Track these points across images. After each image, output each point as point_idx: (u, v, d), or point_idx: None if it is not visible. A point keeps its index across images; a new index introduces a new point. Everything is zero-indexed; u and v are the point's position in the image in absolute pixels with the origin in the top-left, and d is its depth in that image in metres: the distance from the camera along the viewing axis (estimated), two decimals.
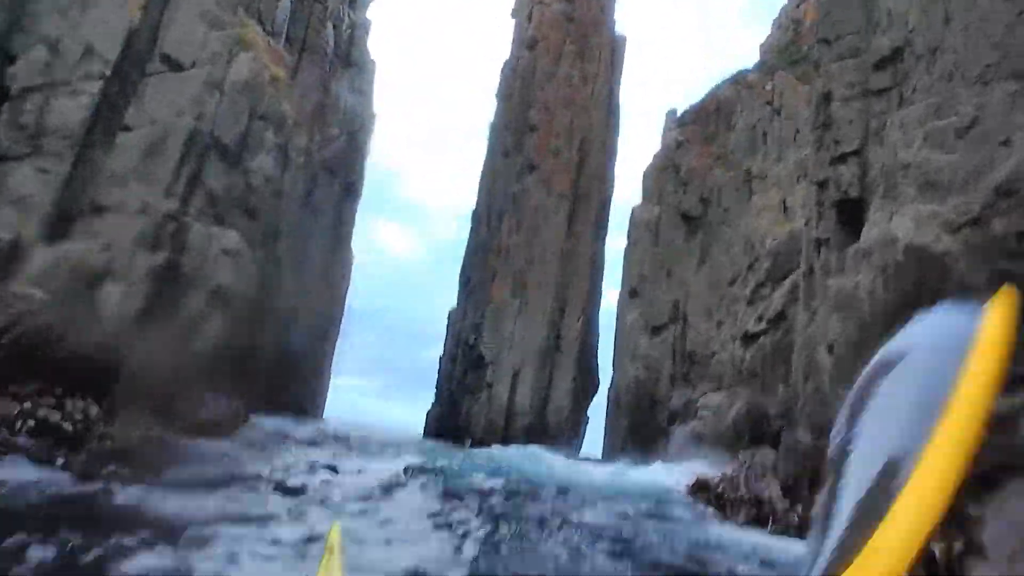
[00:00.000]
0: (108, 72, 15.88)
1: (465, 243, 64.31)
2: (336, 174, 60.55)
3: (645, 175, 44.63)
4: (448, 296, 62.53)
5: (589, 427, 51.90)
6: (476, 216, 64.53)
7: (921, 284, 10.36)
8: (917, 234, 10.57)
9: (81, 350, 12.22)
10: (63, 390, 11.63)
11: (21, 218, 13.57)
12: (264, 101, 19.54)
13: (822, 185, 15.79)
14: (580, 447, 51.04)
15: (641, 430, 33.60)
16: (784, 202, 28.18)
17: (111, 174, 15.42)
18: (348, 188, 62.45)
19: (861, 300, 11.35)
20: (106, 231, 14.62)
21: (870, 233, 11.69)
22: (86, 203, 14.74)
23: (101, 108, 15.68)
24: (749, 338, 25.23)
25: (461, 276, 60.55)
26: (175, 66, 17.44)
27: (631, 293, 38.30)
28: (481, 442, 43.69)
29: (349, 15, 58.99)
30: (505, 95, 64.32)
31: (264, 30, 31.62)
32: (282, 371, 48.22)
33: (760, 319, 24.81)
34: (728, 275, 31.02)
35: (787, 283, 24.41)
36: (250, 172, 18.67)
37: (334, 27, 57.09)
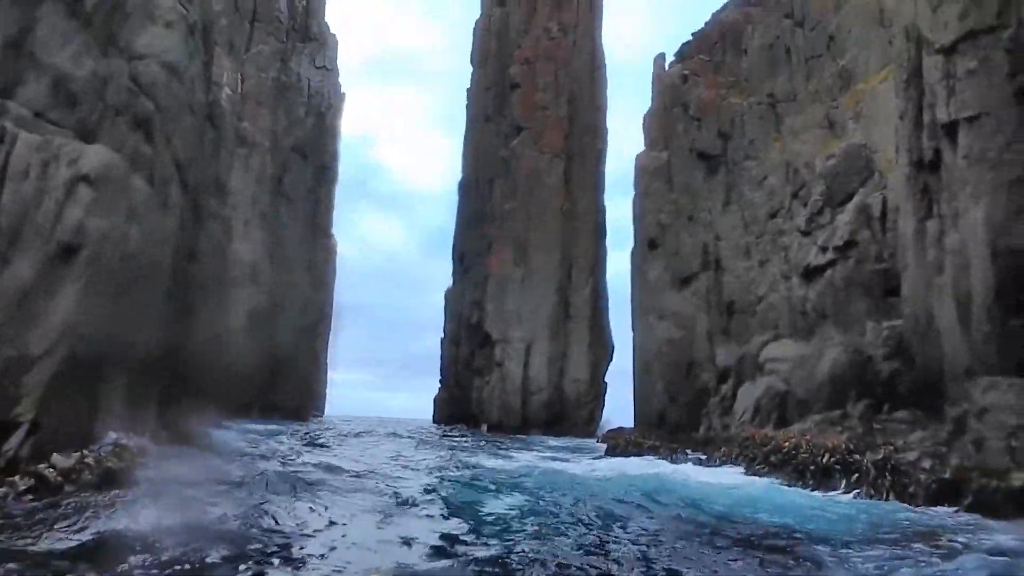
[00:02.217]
0: None
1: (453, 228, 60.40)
2: (308, 157, 56.10)
3: (647, 120, 40.98)
4: (440, 282, 58.75)
5: (608, 396, 48.73)
6: (463, 187, 60.65)
7: None
8: None
9: None
10: None
11: None
12: None
13: (948, 52, 12.25)
14: (600, 418, 47.96)
15: (681, 395, 30.31)
16: (828, 118, 24.72)
17: None
18: (322, 171, 58.24)
19: None
20: None
21: None
22: None
23: None
24: (811, 273, 21.88)
25: (454, 253, 56.80)
26: None
27: (650, 245, 34.84)
28: (499, 426, 40.36)
29: None
30: (480, 57, 60.17)
31: None
32: (267, 372, 44.27)
33: (824, 250, 21.45)
34: (765, 210, 27.65)
35: (851, 206, 21.04)
36: (135, 55, 10.59)
37: None
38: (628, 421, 41.83)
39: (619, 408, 66.75)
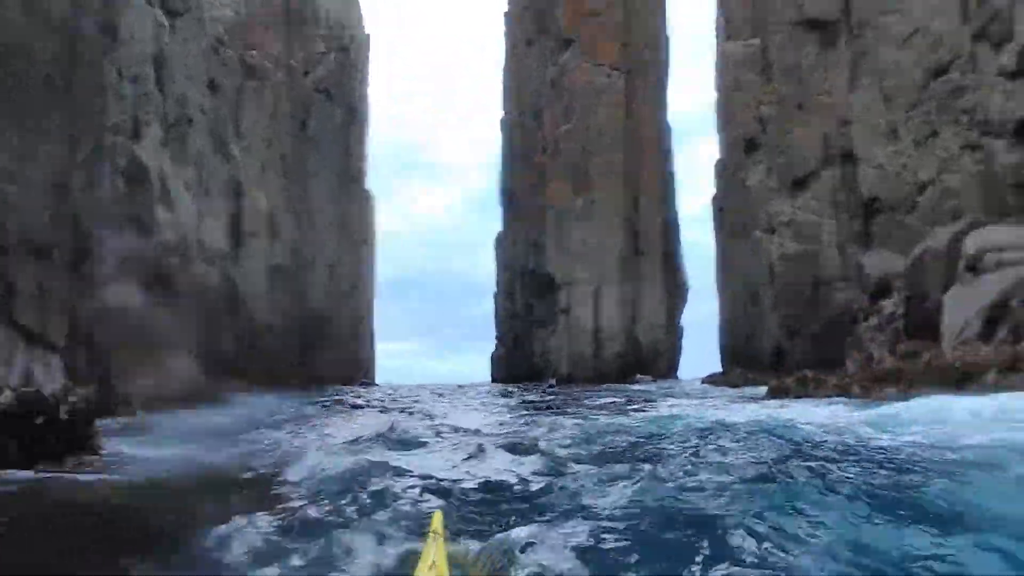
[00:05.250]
0: None
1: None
2: (334, 98, 50.66)
3: (729, 3, 34.06)
4: (488, 246, 52.86)
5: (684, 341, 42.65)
6: (506, 125, 54.41)
7: None
8: None
9: None
10: None
11: None
12: None
13: None
14: (678, 367, 42.09)
15: (807, 325, 24.06)
16: None
17: None
18: (351, 113, 52.64)
19: None
20: None
21: None
22: None
23: None
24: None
25: (502, 194, 50.86)
26: None
27: (748, 146, 28.29)
28: (569, 379, 34.71)
29: None
30: None
31: None
32: (300, 338, 39.14)
33: None
34: (921, 71, 20.81)
35: None
36: None
37: None
38: (708, 370, 35.82)
39: (696, 357, 60.36)
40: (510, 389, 29.92)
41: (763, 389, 19.85)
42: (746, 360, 28.54)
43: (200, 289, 22.39)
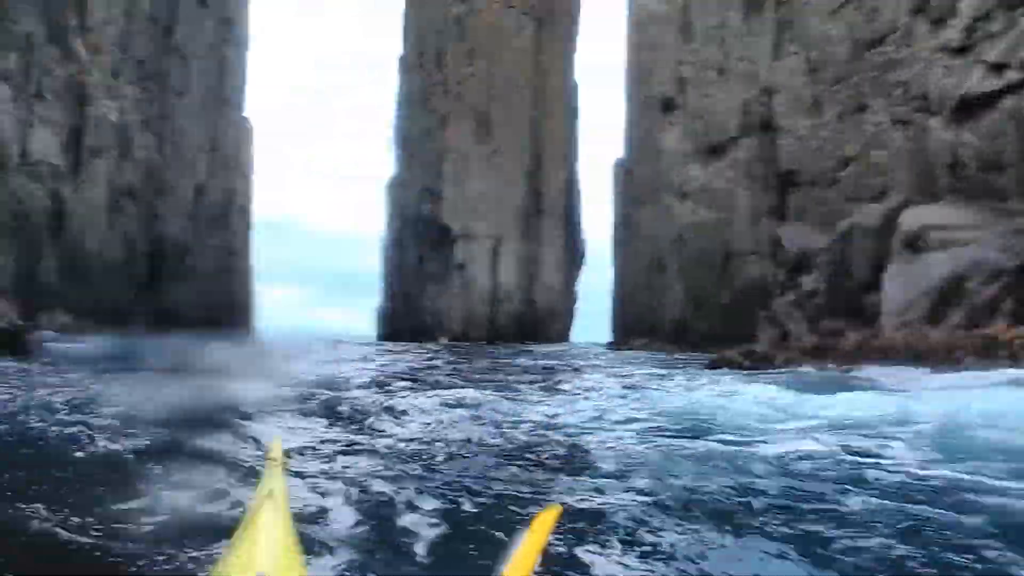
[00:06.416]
0: None
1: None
2: (208, 4, 44.64)
3: None
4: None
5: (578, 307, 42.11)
6: (405, 64, 50.50)
7: None
8: None
9: None
10: None
11: None
12: None
13: None
14: (569, 333, 41.58)
15: (715, 297, 23.53)
16: None
17: None
18: (227, 26, 46.68)
19: None
20: None
21: None
22: None
23: None
24: (968, 107, 14.82)
25: (396, 137, 47.28)
26: None
27: (665, 106, 27.17)
28: (464, 336, 32.92)
29: None
30: None
31: None
32: (148, 267, 33.60)
33: (998, 68, 14.34)
34: (847, 46, 20.25)
35: None
36: None
37: None
38: (597, 338, 35.39)
39: (585, 325, 59.94)
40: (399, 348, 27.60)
41: (673, 358, 19.07)
42: (644, 331, 27.94)
43: (17, 207, 18.17)
